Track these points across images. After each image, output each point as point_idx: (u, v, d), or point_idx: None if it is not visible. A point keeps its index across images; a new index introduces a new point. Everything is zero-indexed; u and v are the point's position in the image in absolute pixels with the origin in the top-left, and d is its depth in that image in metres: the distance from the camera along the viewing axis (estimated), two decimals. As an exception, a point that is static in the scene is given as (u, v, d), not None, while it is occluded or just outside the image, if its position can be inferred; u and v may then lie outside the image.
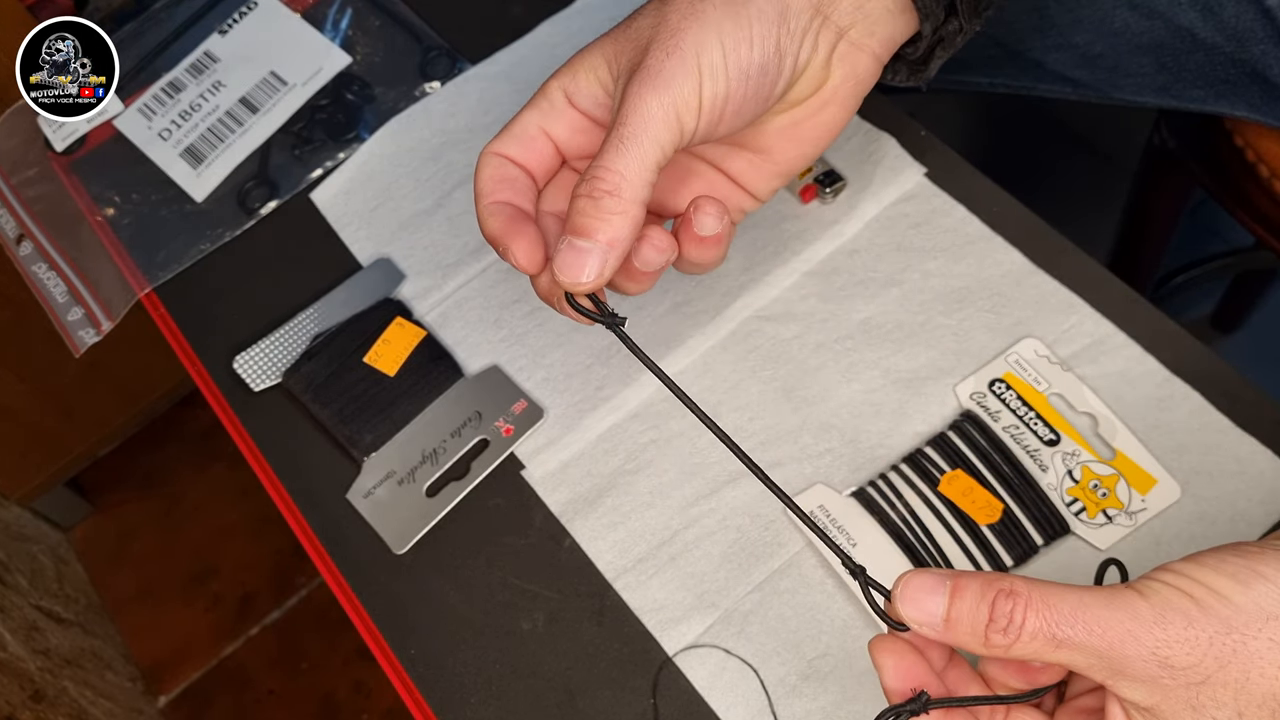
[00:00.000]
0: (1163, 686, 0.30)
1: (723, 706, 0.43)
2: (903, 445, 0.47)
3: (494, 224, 0.39)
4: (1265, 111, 0.56)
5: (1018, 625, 0.31)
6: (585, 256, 0.36)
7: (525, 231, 0.39)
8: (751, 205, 0.44)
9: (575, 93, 0.40)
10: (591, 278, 0.37)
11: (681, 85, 0.36)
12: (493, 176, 0.40)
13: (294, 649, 1.20)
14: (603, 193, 0.36)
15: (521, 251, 0.38)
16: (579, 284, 0.37)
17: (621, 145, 0.36)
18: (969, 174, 0.53)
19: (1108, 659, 0.30)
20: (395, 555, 0.48)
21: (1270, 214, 0.67)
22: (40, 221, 0.60)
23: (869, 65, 0.41)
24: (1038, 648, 0.31)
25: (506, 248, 0.39)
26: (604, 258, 0.36)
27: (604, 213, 0.36)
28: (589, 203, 0.36)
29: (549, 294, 0.40)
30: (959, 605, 0.32)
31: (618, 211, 0.36)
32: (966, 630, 0.32)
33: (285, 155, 0.60)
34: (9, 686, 0.91)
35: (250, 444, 0.52)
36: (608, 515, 0.48)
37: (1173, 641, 0.30)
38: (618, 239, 0.36)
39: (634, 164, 0.36)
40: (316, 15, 0.64)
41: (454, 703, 0.45)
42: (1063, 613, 0.31)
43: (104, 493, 1.32)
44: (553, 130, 0.41)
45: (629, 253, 0.38)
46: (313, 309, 0.54)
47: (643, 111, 0.36)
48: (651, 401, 0.50)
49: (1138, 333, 0.48)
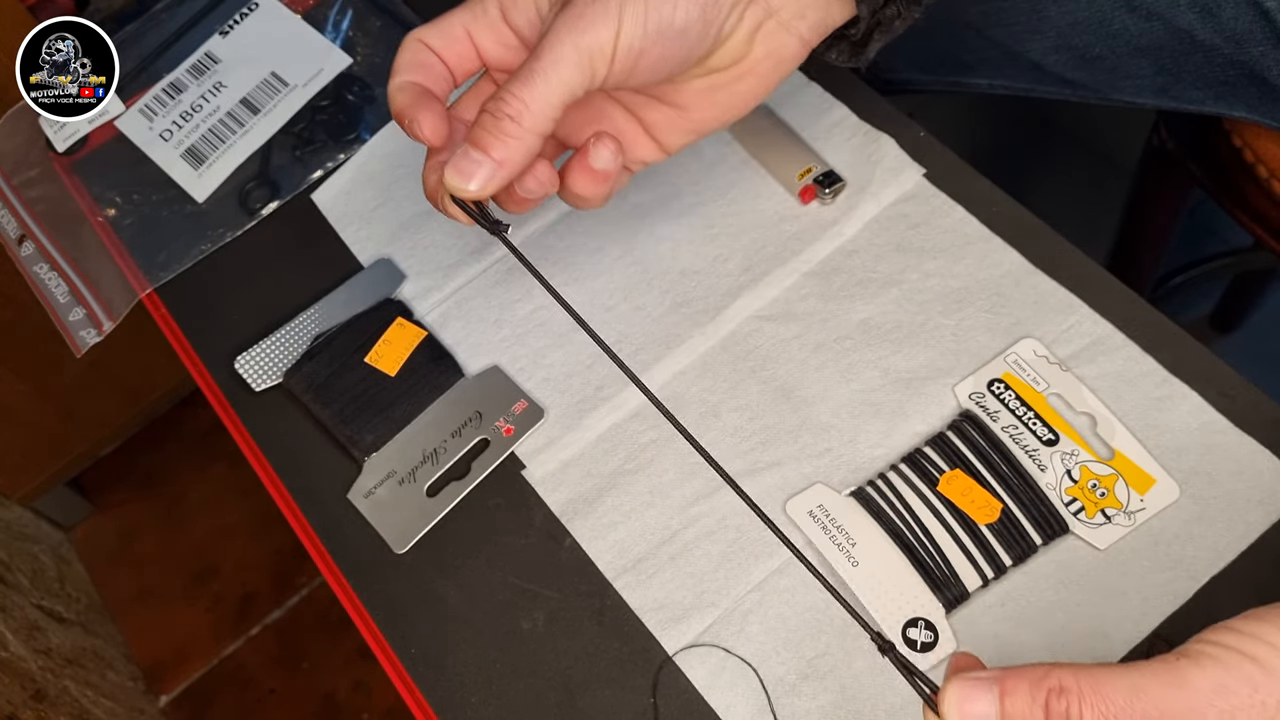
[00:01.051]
0: None
1: (722, 705, 0.44)
2: (902, 445, 0.47)
3: (402, 98, 0.41)
4: (1264, 112, 0.56)
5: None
6: (475, 167, 0.39)
7: (432, 107, 0.41)
8: (657, 157, 0.46)
9: (510, 8, 0.42)
10: (476, 187, 0.39)
11: (599, 32, 0.38)
12: (411, 61, 0.42)
13: (295, 648, 1.21)
14: (504, 115, 0.38)
15: (427, 124, 0.41)
16: (464, 190, 0.39)
17: (531, 78, 0.38)
18: (968, 174, 0.53)
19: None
20: (396, 555, 0.48)
21: (1269, 214, 0.67)
22: (41, 222, 0.60)
23: (794, 47, 0.43)
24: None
25: (413, 119, 0.41)
26: (491, 173, 0.39)
27: (501, 134, 0.38)
28: (490, 120, 0.39)
29: (434, 193, 0.42)
30: (1010, 710, 0.30)
31: (514, 135, 0.38)
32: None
33: (286, 156, 0.60)
34: (10, 686, 0.91)
35: (251, 444, 0.52)
36: (608, 515, 0.48)
37: (1238, 710, 0.29)
38: (508, 160, 0.39)
39: (539, 98, 0.38)
40: (317, 16, 0.64)
41: (454, 702, 0.45)
42: (1118, 703, 0.29)
43: (105, 492, 1.32)
44: (478, 37, 0.43)
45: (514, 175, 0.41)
46: (314, 309, 0.54)
47: (557, 50, 0.38)
48: (651, 401, 0.50)
49: (1137, 333, 0.48)
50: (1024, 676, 0.30)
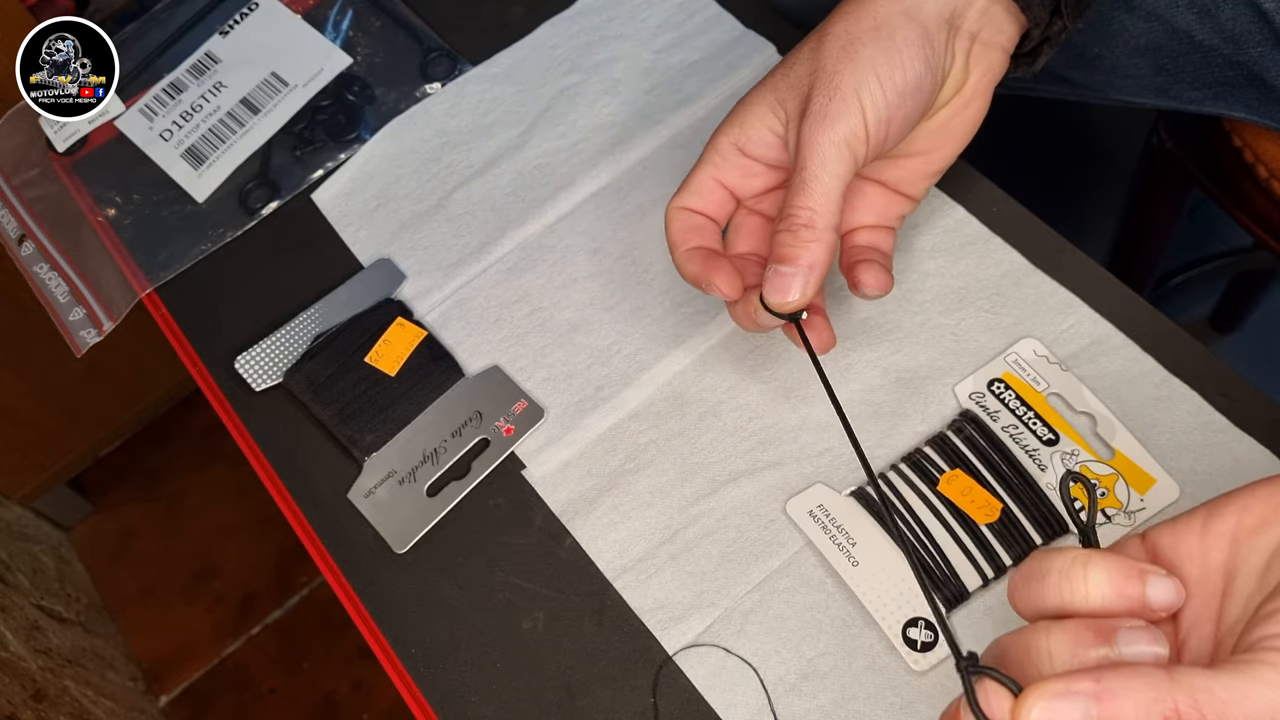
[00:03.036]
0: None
1: (722, 705, 0.44)
2: (902, 445, 0.47)
3: (692, 267, 0.45)
4: (1263, 113, 0.56)
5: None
6: (790, 280, 0.42)
7: (722, 266, 0.44)
8: (909, 208, 0.48)
9: (745, 143, 0.45)
10: (797, 297, 0.42)
11: (849, 121, 0.41)
12: (681, 228, 0.46)
13: (295, 648, 1.21)
14: (799, 226, 0.41)
15: (724, 282, 0.44)
16: (788, 304, 0.42)
17: (805, 185, 0.41)
18: (968, 174, 0.53)
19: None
20: (396, 555, 0.48)
21: (1268, 214, 0.67)
22: (42, 222, 0.60)
23: (1000, 59, 0.45)
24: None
25: (709, 282, 0.44)
26: (806, 279, 0.42)
27: (803, 243, 0.41)
28: (790, 236, 0.42)
29: (746, 316, 0.45)
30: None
31: (814, 240, 0.41)
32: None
33: (286, 156, 0.60)
34: (10, 686, 0.91)
35: (251, 444, 0.52)
36: (608, 515, 0.48)
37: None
38: (817, 262, 0.42)
39: (820, 198, 0.41)
40: (317, 16, 0.64)
41: (454, 701, 0.45)
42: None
43: (105, 492, 1.32)
44: (726, 179, 0.46)
45: None
46: (314, 309, 0.54)
47: (818, 152, 0.41)
48: (651, 401, 0.50)
49: (1136, 333, 0.48)
50: (1131, 688, 0.27)
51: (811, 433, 0.48)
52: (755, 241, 0.47)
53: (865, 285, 0.45)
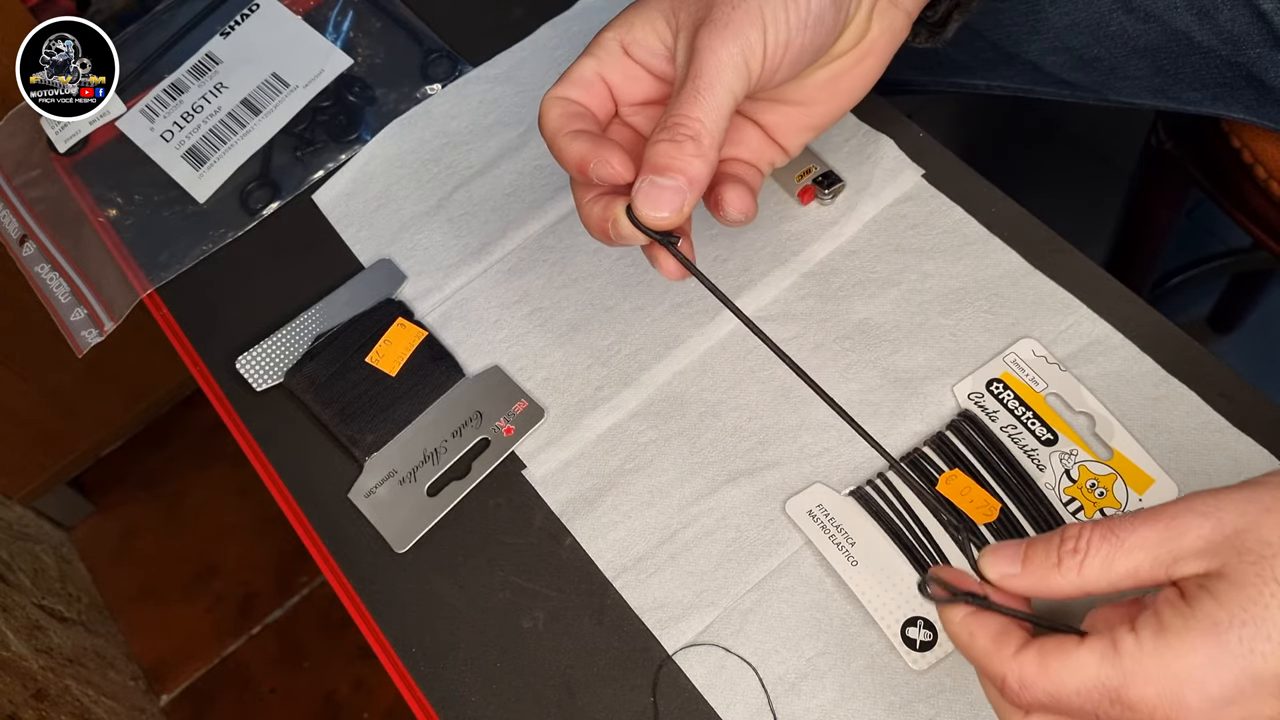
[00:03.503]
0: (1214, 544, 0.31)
1: (722, 704, 0.44)
2: (901, 445, 0.48)
3: (578, 147, 0.41)
4: (1261, 114, 0.56)
5: (1086, 540, 0.33)
6: (667, 193, 0.39)
7: (613, 145, 0.41)
8: (781, 159, 0.47)
9: (631, 44, 0.43)
10: (671, 213, 0.39)
11: (748, 34, 0.39)
12: (562, 115, 0.43)
13: (295, 647, 1.21)
14: (685, 137, 0.39)
15: (617, 160, 0.41)
16: (660, 218, 0.40)
17: (698, 94, 0.39)
18: (967, 175, 0.53)
19: (1165, 540, 0.32)
20: (397, 554, 0.49)
21: (1267, 215, 0.67)
22: (43, 222, 0.60)
23: (903, 21, 0.44)
24: (1105, 556, 0.32)
25: (603, 159, 0.41)
26: (684, 195, 0.39)
27: (687, 155, 0.39)
28: (672, 146, 0.39)
29: (601, 226, 0.42)
30: (1034, 545, 0.34)
31: (698, 155, 0.39)
32: (1040, 562, 0.34)
33: (287, 156, 0.60)
34: (12, 685, 0.91)
35: (252, 444, 0.52)
36: (608, 514, 0.48)
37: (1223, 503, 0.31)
38: (698, 179, 0.39)
39: (711, 111, 0.39)
40: (318, 17, 0.64)
41: (455, 700, 0.46)
42: (1121, 519, 0.33)
43: (106, 492, 1.33)
44: (608, 76, 0.43)
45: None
46: (314, 309, 0.54)
47: (715, 62, 0.39)
48: (651, 401, 0.50)
49: (1135, 333, 0.48)
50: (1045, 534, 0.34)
51: (811, 433, 0.48)
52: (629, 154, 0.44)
53: (728, 204, 0.44)
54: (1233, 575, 0.30)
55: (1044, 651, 0.33)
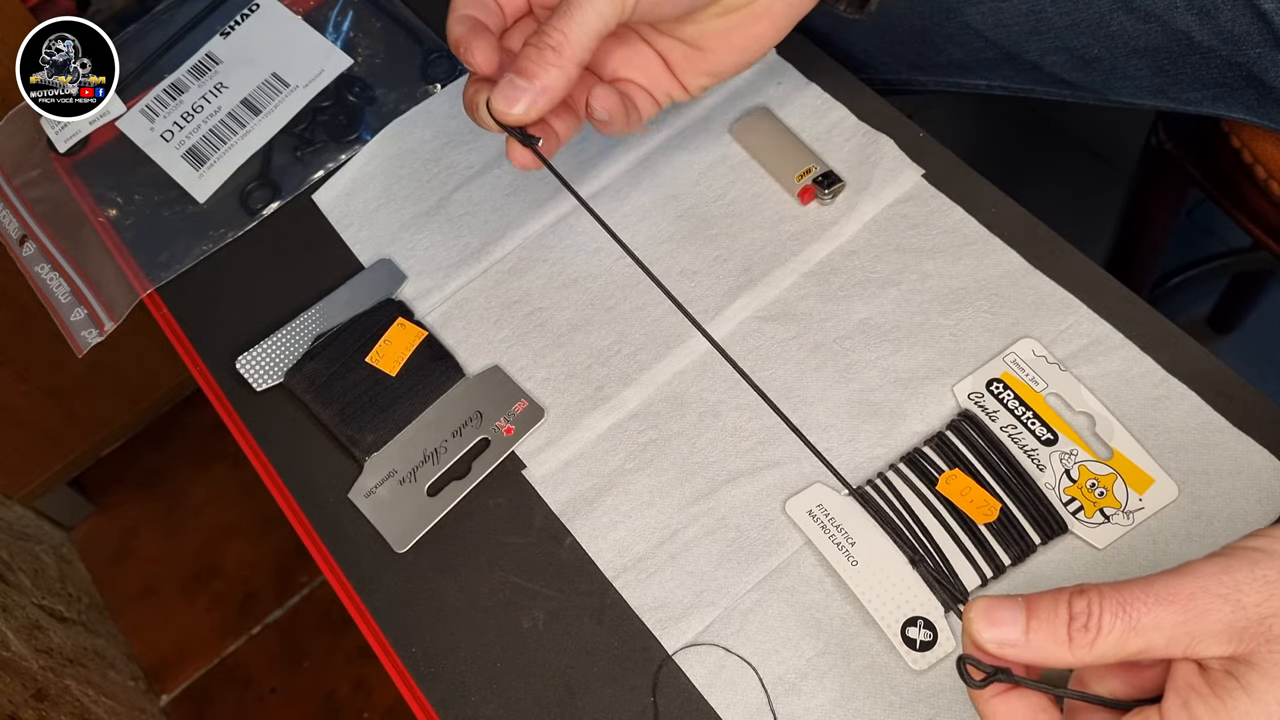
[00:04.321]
0: (1238, 629, 0.30)
1: (722, 704, 0.44)
2: (901, 445, 0.48)
3: (459, 29, 0.45)
4: (1262, 114, 0.56)
5: (1096, 618, 0.31)
6: (520, 93, 0.42)
7: (485, 38, 0.44)
8: (680, 95, 0.49)
9: None
10: (521, 111, 0.43)
11: None
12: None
13: (295, 647, 1.21)
14: (546, 46, 0.42)
15: (479, 53, 0.44)
16: (509, 115, 0.43)
17: (569, 11, 0.42)
18: (967, 175, 0.53)
19: (1183, 622, 0.31)
20: (397, 554, 0.49)
21: (1267, 215, 0.67)
22: (43, 222, 0.60)
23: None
24: (1119, 637, 0.31)
25: (467, 48, 0.44)
26: (534, 98, 0.42)
27: (544, 63, 0.42)
28: (535, 51, 0.42)
29: (472, 103, 0.45)
30: (1037, 614, 0.32)
31: (555, 64, 0.42)
32: (1048, 636, 0.32)
33: (287, 156, 0.60)
34: (12, 685, 0.91)
35: (252, 443, 0.52)
36: (608, 514, 0.48)
37: (1240, 584, 0.30)
38: (550, 87, 0.42)
39: (576, 29, 0.42)
40: (318, 17, 0.64)
41: (455, 700, 0.46)
42: (1134, 594, 0.31)
43: (106, 492, 1.33)
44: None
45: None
46: (314, 309, 0.54)
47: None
48: (651, 401, 0.50)
49: (1135, 333, 0.48)
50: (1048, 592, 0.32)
51: (812, 433, 0.48)
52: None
53: (593, 103, 0.46)
54: (1263, 665, 0.30)
55: None
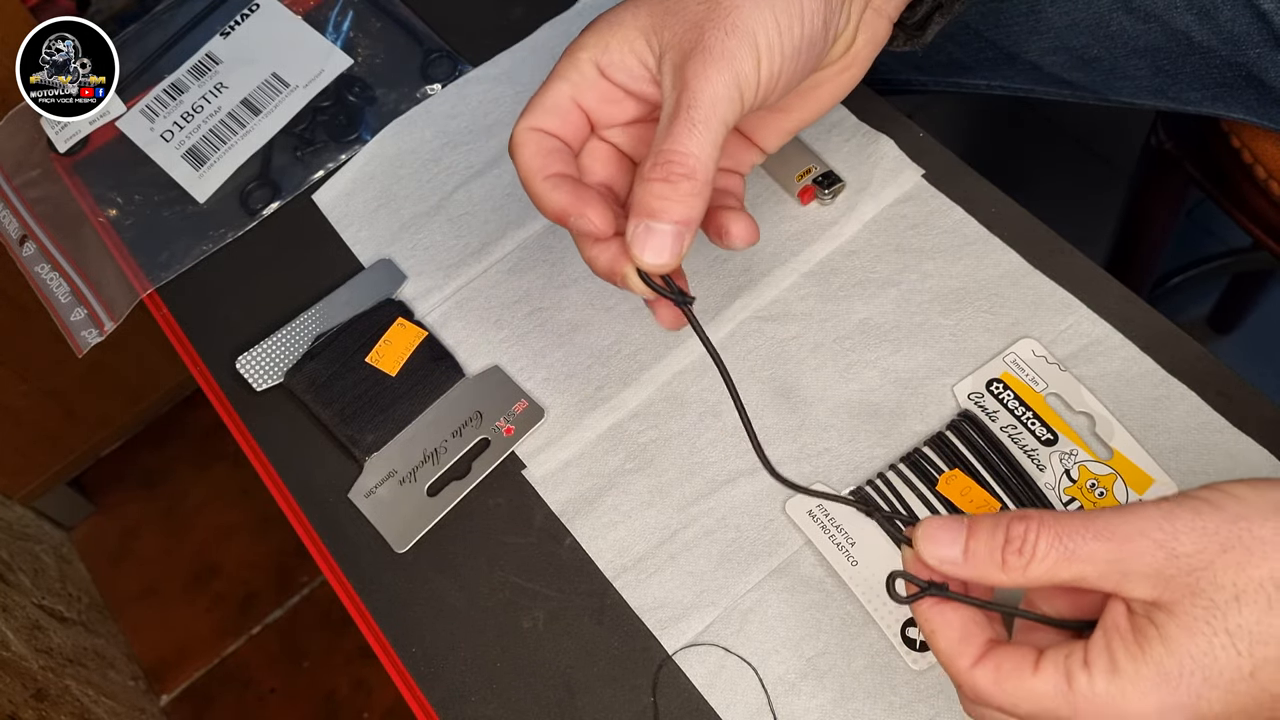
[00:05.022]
0: (1166, 577, 0.31)
1: (722, 704, 0.44)
2: (901, 445, 0.48)
3: (558, 197, 0.39)
4: (1261, 114, 0.56)
5: (1032, 543, 0.32)
6: (662, 238, 0.37)
7: (592, 198, 0.39)
8: (759, 159, 0.46)
9: (608, 65, 0.40)
10: (668, 259, 0.37)
11: (743, 63, 0.37)
12: (538, 152, 0.40)
13: (295, 647, 1.21)
14: (680, 176, 0.37)
15: (597, 216, 0.39)
16: (659, 266, 0.38)
17: (693, 127, 0.37)
18: (967, 175, 0.53)
19: (1116, 560, 0.31)
20: (397, 554, 0.49)
21: (1267, 215, 0.67)
22: (43, 222, 0.60)
23: (885, 28, 0.44)
24: (1052, 564, 0.32)
25: (581, 214, 0.39)
26: (681, 238, 0.37)
27: (682, 195, 0.37)
28: (666, 186, 0.37)
29: (612, 271, 0.40)
30: (976, 534, 0.33)
31: (694, 194, 0.37)
32: (984, 556, 0.33)
33: (287, 156, 0.60)
34: (12, 685, 0.91)
35: (252, 443, 0.53)
36: (608, 514, 0.48)
37: (1179, 532, 0.31)
38: (693, 220, 0.37)
39: (707, 146, 0.37)
40: (318, 17, 0.64)
41: (455, 700, 0.46)
42: (1073, 525, 0.32)
43: (106, 492, 1.33)
44: (584, 101, 0.41)
45: None
46: (314, 309, 0.55)
47: (710, 93, 0.37)
48: (651, 401, 0.50)
49: (1135, 333, 0.48)
50: (989, 514, 0.33)
51: (811, 433, 0.48)
52: (609, 172, 0.42)
53: (734, 236, 0.42)
54: (1184, 618, 0.30)
55: (1001, 671, 0.33)
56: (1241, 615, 0.30)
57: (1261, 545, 0.30)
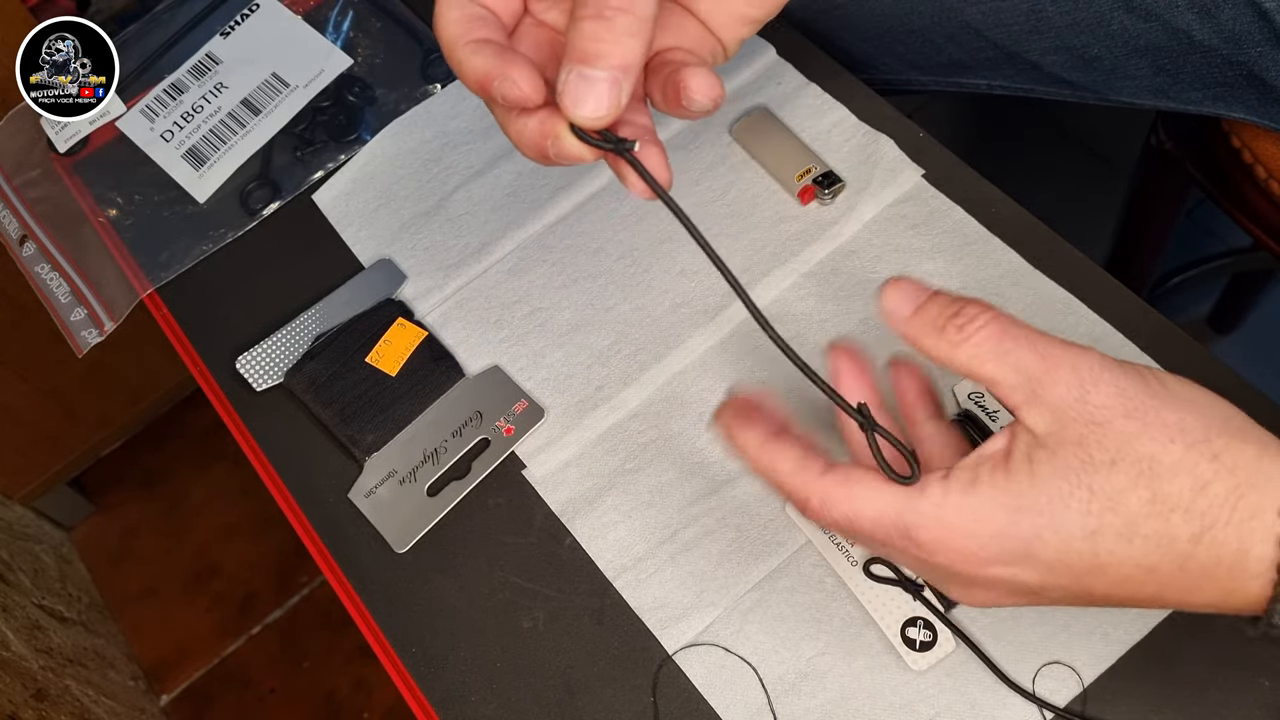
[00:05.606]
0: (1067, 418, 0.31)
1: (722, 705, 0.44)
2: (901, 445, 0.47)
3: (479, 61, 0.35)
4: (1262, 113, 0.56)
5: (975, 325, 0.32)
6: (599, 85, 0.33)
7: (518, 60, 0.35)
8: (720, 56, 0.41)
9: None
10: (605, 109, 0.33)
11: None
12: (461, 18, 0.36)
13: (295, 647, 1.21)
14: (614, 9, 0.32)
15: (525, 79, 0.34)
16: (596, 118, 0.33)
17: None
18: (967, 175, 0.53)
19: (1035, 377, 0.32)
20: (397, 554, 0.49)
21: (1267, 215, 0.67)
22: (43, 222, 0.60)
23: None
24: (982, 353, 0.32)
25: (505, 76, 0.34)
26: (618, 86, 0.33)
27: (618, 34, 0.32)
28: (600, 24, 0.32)
29: (540, 135, 0.36)
30: (935, 299, 0.34)
31: (631, 32, 0.33)
32: (930, 319, 0.33)
33: (287, 156, 0.60)
34: (12, 685, 0.91)
35: (252, 444, 0.52)
36: (608, 514, 0.48)
37: (1100, 381, 0.31)
38: (632, 64, 0.33)
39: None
40: (318, 17, 0.64)
41: (455, 701, 0.46)
42: (1018, 331, 0.32)
43: (106, 492, 1.33)
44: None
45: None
46: (315, 309, 0.54)
47: None
48: (651, 401, 0.50)
49: (1135, 333, 0.48)
50: (956, 294, 0.34)
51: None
52: (543, 56, 0.38)
53: (694, 90, 0.36)
54: (1059, 462, 0.31)
55: (850, 478, 0.34)
56: (1109, 480, 0.31)
57: (1159, 427, 0.31)
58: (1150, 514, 0.31)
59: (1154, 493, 0.30)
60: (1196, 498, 0.30)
